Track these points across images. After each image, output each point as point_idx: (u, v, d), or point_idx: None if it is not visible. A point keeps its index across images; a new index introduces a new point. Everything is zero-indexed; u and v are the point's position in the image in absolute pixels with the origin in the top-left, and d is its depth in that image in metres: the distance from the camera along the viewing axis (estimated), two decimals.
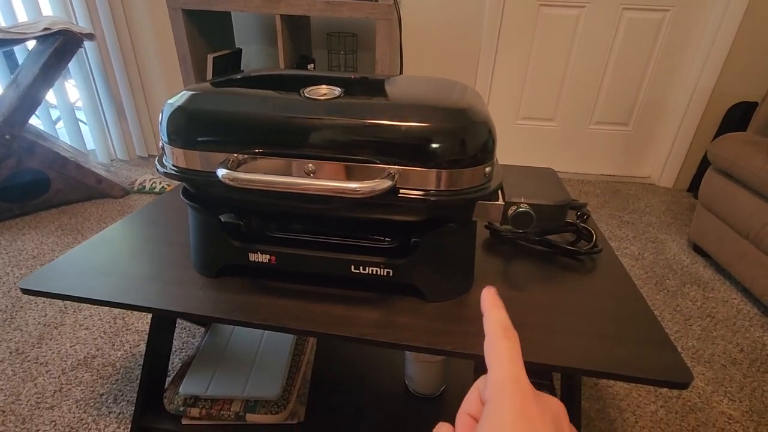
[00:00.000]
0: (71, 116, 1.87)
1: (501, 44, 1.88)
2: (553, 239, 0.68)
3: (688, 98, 1.86)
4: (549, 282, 0.61)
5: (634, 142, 2.03)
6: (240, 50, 1.84)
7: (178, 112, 0.51)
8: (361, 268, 0.56)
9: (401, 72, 1.86)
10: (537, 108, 2.01)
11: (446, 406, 0.78)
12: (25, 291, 0.57)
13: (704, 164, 1.87)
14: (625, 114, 1.97)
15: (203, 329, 0.94)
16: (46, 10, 1.72)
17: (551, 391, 0.69)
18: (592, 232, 0.68)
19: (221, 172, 0.46)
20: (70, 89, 1.90)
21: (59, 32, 1.42)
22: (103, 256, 0.64)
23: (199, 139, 0.50)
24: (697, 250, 1.46)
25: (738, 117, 1.76)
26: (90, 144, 2.02)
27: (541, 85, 1.96)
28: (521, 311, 0.55)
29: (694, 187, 1.94)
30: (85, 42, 1.55)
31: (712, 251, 1.35)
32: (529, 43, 1.87)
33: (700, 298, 1.22)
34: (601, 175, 2.11)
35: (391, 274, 0.56)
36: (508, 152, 2.13)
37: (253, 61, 1.99)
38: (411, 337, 0.51)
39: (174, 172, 0.52)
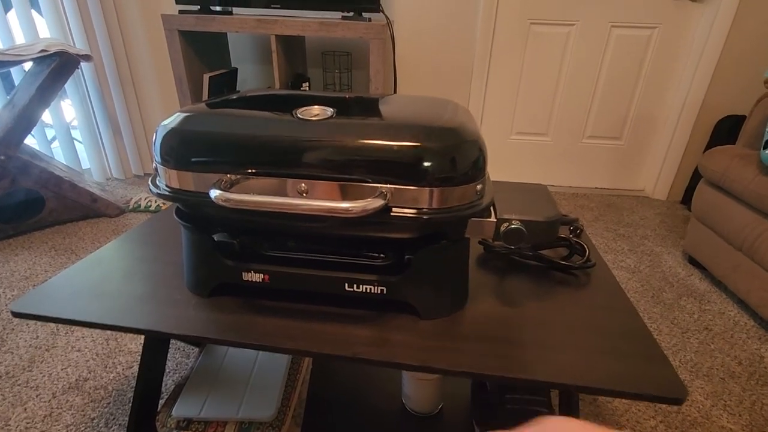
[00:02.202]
0: (67, 135, 1.88)
1: (493, 61, 1.92)
2: (547, 254, 0.68)
3: (678, 112, 1.89)
4: (543, 297, 0.61)
5: (627, 156, 2.06)
6: (236, 69, 1.87)
7: (171, 134, 0.51)
8: (355, 286, 0.56)
9: (395, 90, 1.88)
10: (530, 123, 2.04)
11: (444, 424, 0.77)
12: (16, 314, 0.56)
13: (697, 176, 1.89)
14: (617, 128, 2.00)
15: (197, 349, 0.93)
16: (44, 32, 1.74)
17: (548, 408, 0.68)
18: (585, 246, 0.68)
19: (214, 193, 0.47)
20: (66, 108, 1.92)
21: (56, 54, 1.43)
22: (96, 277, 0.63)
23: (192, 159, 0.51)
24: (693, 262, 1.47)
25: (727, 130, 1.79)
26: (85, 163, 2.02)
27: (533, 101, 1.99)
28: (514, 327, 0.55)
29: (687, 198, 1.96)
30: (81, 63, 1.56)
31: (707, 263, 1.36)
32: (520, 60, 1.91)
33: (697, 310, 1.22)
34: (596, 188, 2.13)
35: (384, 292, 0.56)
36: (502, 167, 2.14)
37: (248, 80, 2.01)
38: (405, 355, 0.50)
39: (167, 193, 0.52)
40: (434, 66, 1.92)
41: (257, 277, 0.57)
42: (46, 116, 1.76)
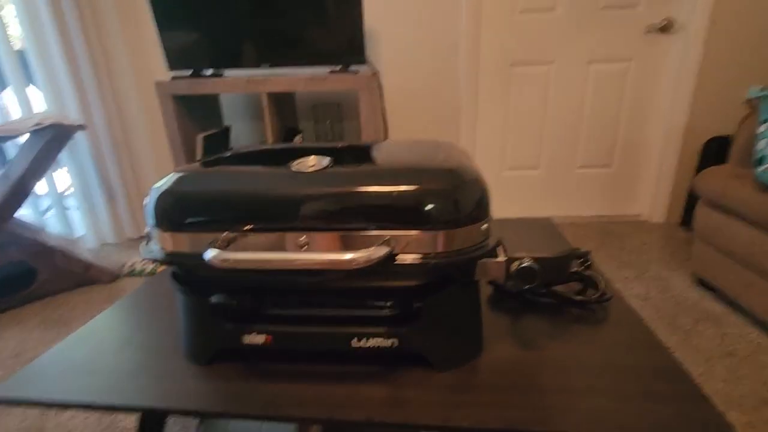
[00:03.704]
0: (60, 204, 1.87)
1: (480, 102, 1.97)
2: (560, 290, 0.66)
3: (664, 137, 1.93)
4: (561, 337, 0.58)
5: (619, 182, 2.07)
6: (228, 128, 1.90)
7: (165, 195, 0.50)
8: (363, 340, 0.53)
9: (386, 136, 1.92)
10: (521, 158, 2.06)
11: None
12: (0, 401, 0.52)
13: (692, 197, 1.89)
14: (607, 156, 2.03)
15: (197, 420, 0.87)
16: (40, 105, 1.78)
17: None
18: (598, 279, 0.66)
19: (211, 254, 0.45)
20: (60, 176, 1.92)
21: (50, 126, 1.46)
22: (87, 352, 0.60)
23: (187, 220, 0.49)
24: (702, 283, 1.44)
25: (715, 150, 1.82)
26: (79, 229, 2.00)
27: (522, 136, 2.03)
28: (536, 372, 0.51)
29: (686, 220, 1.96)
30: (76, 132, 1.59)
31: (718, 284, 1.33)
32: (506, 100, 1.97)
33: (717, 335, 1.18)
34: (593, 216, 2.13)
35: (395, 345, 0.52)
36: (498, 203, 2.15)
37: (242, 137, 2.05)
38: (423, 414, 0.46)
39: (162, 257, 0.50)
40: (423, 111, 1.97)
41: (259, 339, 0.54)
42: (40, 187, 1.77)
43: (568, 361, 0.53)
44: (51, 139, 1.47)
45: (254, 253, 0.44)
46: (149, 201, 0.51)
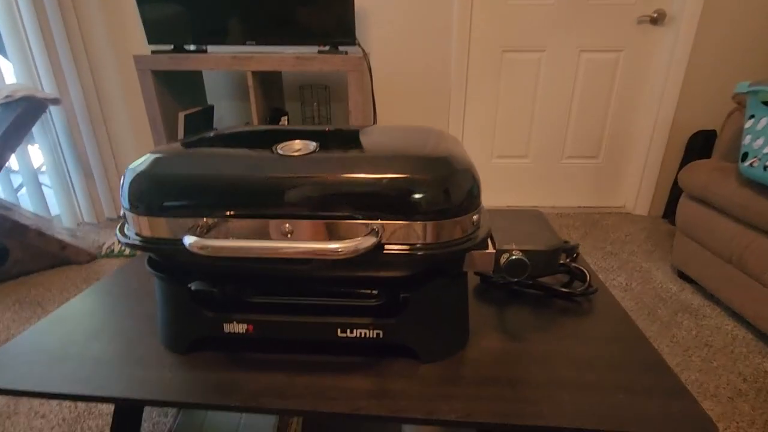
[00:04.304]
0: (34, 181, 1.80)
1: (470, 88, 1.95)
2: (546, 281, 0.65)
3: (651, 129, 1.94)
4: (547, 329, 0.58)
5: (605, 174, 2.09)
6: (212, 107, 1.84)
7: (141, 177, 0.47)
8: (348, 331, 0.51)
9: (375, 120, 1.88)
10: (510, 146, 2.06)
11: None
12: None
13: (675, 190, 1.92)
14: (594, 147, 2.04)
15: (176, 408, 0.85)
16: (10, 77, 1.69)
17: None
18: (585, 271, 0.65)
19: (189, 240, 0.42)
20: (34, 153, 1.84)
21: (22, 99, 1.38)
22: (60, 338, 0.57)
23: (165, 204, 0.46)
24: (682, 276, 1.47)
25: (700, 145, 1.84)
26: (54, 209, 1.93)
27: (511, 124, 2.01)
28: (522, 365, 0.51)
29: (668, 213, 1.99)
30: (50, 107, 1.51)
31: (698, 277, 1.36)
32: (496, 86, 1.95)
33: (694, 326, 1.20)
34: (578, 207, 2.15)
35: (381, 336, 0.51)
36: (486, 190, 2.15)
37: (225, 117, 1.99)
38: (409, 406, 0.46)
39: (138, 243, 0.48)
40: (412, 95, 1.93)
41: (240, 328, 0.52)
42: (12, 163, 1.69)
43: (553, 353, 0.53)
44: (22, 113, 1.40)
45: (236, 241, 0.42)
46: (123, 182, 0.48)
